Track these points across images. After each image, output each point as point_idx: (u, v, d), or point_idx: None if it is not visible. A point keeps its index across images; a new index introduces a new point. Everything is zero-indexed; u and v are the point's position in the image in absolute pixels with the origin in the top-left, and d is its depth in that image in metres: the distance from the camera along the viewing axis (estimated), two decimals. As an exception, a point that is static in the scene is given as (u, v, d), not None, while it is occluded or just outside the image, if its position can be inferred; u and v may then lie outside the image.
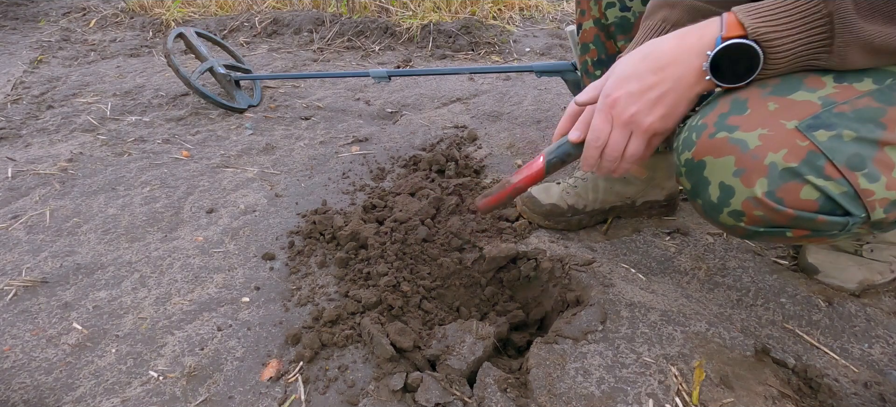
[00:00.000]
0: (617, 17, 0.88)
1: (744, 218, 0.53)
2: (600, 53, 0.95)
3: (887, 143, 0.48)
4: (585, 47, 0.97)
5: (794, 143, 0.48)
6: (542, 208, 1.02)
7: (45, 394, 0.78)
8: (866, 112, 0.48)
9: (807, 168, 0.48)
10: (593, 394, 0.70)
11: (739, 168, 0.50)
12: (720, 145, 0.52)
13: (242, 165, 1.44)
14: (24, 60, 2.51)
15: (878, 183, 0.48)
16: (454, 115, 1.71)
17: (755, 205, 0.51)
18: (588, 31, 0.94)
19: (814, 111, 0.49)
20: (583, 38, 0.96)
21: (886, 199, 0.48)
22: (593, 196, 1.01)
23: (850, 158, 0.48)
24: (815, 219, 0.50)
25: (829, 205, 0.49)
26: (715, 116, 0.53)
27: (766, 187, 0.49)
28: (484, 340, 0.80)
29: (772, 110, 0.50)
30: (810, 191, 0.49)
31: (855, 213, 0.49)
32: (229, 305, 0.93)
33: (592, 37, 0.94)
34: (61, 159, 1.51)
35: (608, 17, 0.89)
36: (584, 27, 0.95)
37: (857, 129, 0.48)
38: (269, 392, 0.75)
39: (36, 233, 1.17)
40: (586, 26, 0.94)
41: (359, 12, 2.74)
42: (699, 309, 0.83)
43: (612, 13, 0.88)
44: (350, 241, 1.04)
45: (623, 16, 0.88)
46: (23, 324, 0.91)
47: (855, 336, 0.77)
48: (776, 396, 0.68)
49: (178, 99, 1.95)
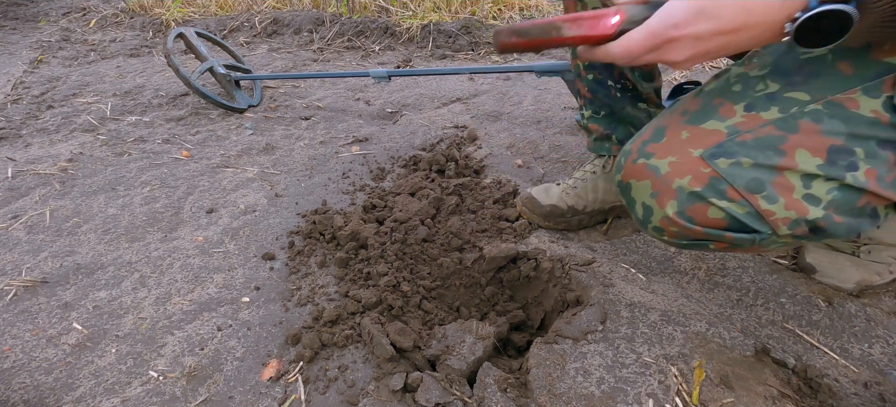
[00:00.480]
0: None
1: (664, 233, 0.59)
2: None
3: (786, 168, 0.53)
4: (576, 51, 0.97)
5: (697, 169, 0.54)
6: (541, 209, 1.02)
7: (45, 394, 0.78)
8: (767, 140, 0.53)
9: (710, 192, 0.54)
10: (593, 394, 0.70)
11: (654, 191, 0.57)
12: (640, 170, 0.59)
13: (242, 165, 1.44)
14: (24, 60, 2.51)
15: (777, 204, 0.53)
16: (454, 115, 1.71)
17: (669, 223, 0.57)
18: None
19: (718, 140, 0.55)
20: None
21: (787, 218, 0.53)
22: (593, 196, 1.01)
23: (749, 183, 0.53)
24: (725, 235, 0.56)
25: (736, 223, 0.54)
26: (639, 144, 0.60)
27: (676, 208, 0.56)
28: (484, 340, 0.80)
29: (683, 139, 0.56)
30: (716, 211, 0.54)
31: (761, 230, 0.54)
32: (229, 305, 0.93)
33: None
34: (61, 159, 1.51)
35: None
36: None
37: (756, 157, 0.53)
38: (269, 392, 0.75)
39: (36, 233, 1.17)
40: None
41: (359, 12, 2.74)
42: (699, 309, 0.83)
43: None
44: (350, 241, 1.04)
45: None
46: (23, 324, 0.91)
47: (855, 336, 0.77)
48: (776, 396, 0.68)
49: (178, 99, 1.95)
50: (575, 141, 1.44)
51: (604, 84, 0.97)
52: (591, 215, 1.03)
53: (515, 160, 1.36)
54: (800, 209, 0.53)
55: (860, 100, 0.52)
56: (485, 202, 1.16)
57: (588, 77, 0.98)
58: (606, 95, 0.97)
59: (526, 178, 1.27)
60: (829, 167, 0.52)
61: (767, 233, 0.54)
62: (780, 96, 0.55)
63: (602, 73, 0.95)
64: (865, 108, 0.52)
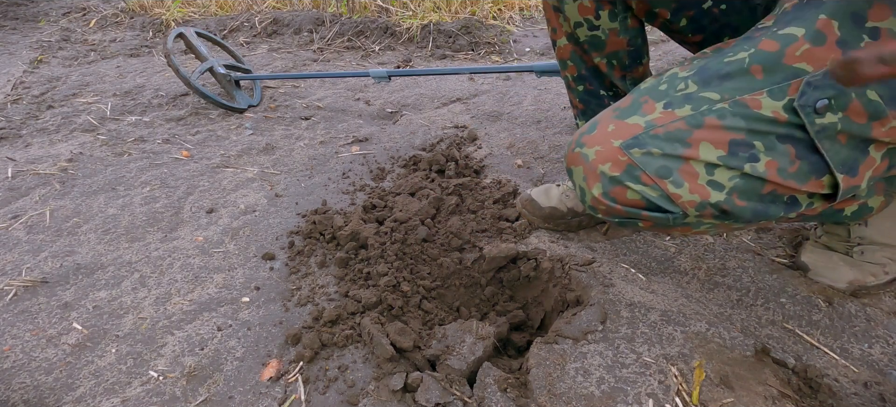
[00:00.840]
0: (588, 37, 0.88)
1: (597, 211, 0.67)
2: (580, 69, 0.94)
3: (691, 158, 0.60)
4: (563, 64, 0.96)
5: (616, 157, 0.62)
6: (542, 211, 1.03)
7: (45, 394, 0.78)
8: (676, 133, 0.61)
9: (627, 177, 0.62)
10: (593, 394, 0.70)
11: (585, 175, 0.65)
12: (575, 157, 0.67)
13: (242, 165, 1.44)
14: (24, 60, 2.51)
15: (682, 188, 0.60)
16: (454, 115, 1.71)
17: (597, 202, 0.65)
18: (563, 47, 0.94)
19: (636, 132, 0.62)
20: (559, 54, 0.95)
21: (693, 200, 0.60)
22: None
23: (658, 169, 0.60)
24: (641, 214, 0.63)
25: (651, 204, 0.62)
26: (578, 135, 0.68)
27: (601, 190, 0.64)
28: (484, 340, 0.80)
29: (609, 131, 0.64)
30: (633, 193, 0.62)
31: (673, 210, 0.62)
32: (229, 305, 0.93)
33: (569, 53, 0.93)
34: (61, 159, 1.51)
35: (579, 35, 0.89)
36: (559, 44, 0.94)
37: (664, 148, 0.60)
38: (269, 392, 0.75)
39: (36, 233, 1.17)
40: (561, 43, 0.93)
41: (359, 12, 2.74)
42: (699, 309, 0.83)
43: (583, 32, 0.88)
44: (350, 241, 1.04)
45: (593, 35, 0.88)
46: (23, 324, 0.91)
47: (855, 336, 0.77)
48: (776, 396, 0.68)
49: (178, 99, 1.95)
50: (575, 141, 1.44)
51: (596, 94, 0.96)
52: (590, 217, 1.03)
53: (515, 160, 1.36)
54: (703, 193, 0.60)
55: (764, 101, 0.59)
56: (485, 202, 1.16)
57: (578, 88, 0.97)
58: (599, 105, 0.97)
59: (526, 178, 1.27)
60: (730, 158, 0.59)
61: (678, 213, 0.62)
62: (695, 96, 0.62)
63: (592, 84, 0.95)
64: (767, 108, 0.58)
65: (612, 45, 0.88)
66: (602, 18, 0.85)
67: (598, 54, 0.90)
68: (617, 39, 0.87)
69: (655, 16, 0.84)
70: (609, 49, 0.89)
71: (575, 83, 0.98)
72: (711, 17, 0.80)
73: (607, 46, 0.88)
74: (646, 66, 0.94)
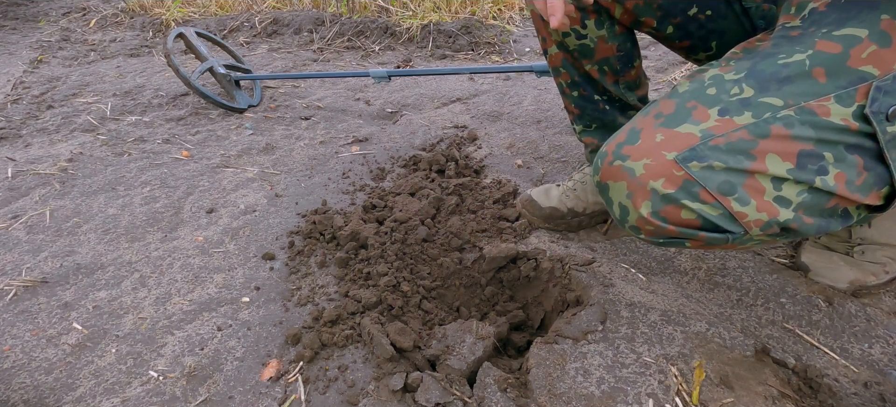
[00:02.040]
0: (576, 46, 0.87)
1: (641, 232, 0.61)
2: (573, 75, 0.93)
3: (757, 172, 0.54)
4: (556, 71, 0.95)
5: (671, 172, 0.56)
6: (542, 212, 1.02)
7: (45, 394, 0.78)
8: (739, 144, 0.55)
9: (683, 194, 0.56)
10: (593, 394, 0.70)
11: (630, 192, 0.59)
12: (616, 172, 0.60)
13: (242, 165, 1.44)
14: (24, 60, 2.51)
15: (749, 206, 0.55)
16: (454, 115, 1.71)
17: (645, 222, 0.59)
18: (554, 56, 0.93)
19: (692, 143, 0.56)
20: (551, 62, 0.95)
21: (760, 219, 0.55)
22: (593, 199, 1.01)
23: (721, 185, 0.55)
24: (698, 235, 0.57)
25: (709, 224, 0.56)
26: (614, 145, 0.61)
27: (651, 209, 0.57)
28: (484, 340, 0.80)
29: (657, 141, 0.57)
30: (689, 212, 0.56)
31: (734, 231, 0.56)
32: (229, 305, 0.93)
33: (560, 61, 0.92)
34: (61, 159, 1.51)
35: (569, 44, 0.88)
36: (550, 53, 0.93)
37: (727, 161, 0.55)
38: (269, 392, 0.75)
39: (36, 233, 1.17)
40: (551, 51, 0.92)
41: (359, 12, 2.74)
42: (699, 309, 0.83)
43: (571, 42, 0.87)
44: (350, 241, 1.04)
45: (581, 43, 0.86)
46: (23, 324, 0.91)
47: (855, 336, 0.77)
48: (776, 396, 0.68)
49: (178, 99, 1.95)
50: (575, 141, 1.44)
51: (590, 99, 0.96)
52: (590, 217, 1.03)
53: (515, 160, 1.36)
54: (771, 211, 0.55)
55: (832, 107, 0.54)
56: (485, 202, 1.16)
57: (573, 94, 0.97)
58: (595, 109, 0.97)
59: (526, 178, 1.27)
60: (799, 171, 0.54)
61: (740, 233, 0.56)
62: (754, 101, 0.56)
63: (587, 90, 0.95)
64: (836, 115, 0.54)
65: (602, 52, 0.87)
66: (588, 27, 0.84)
67: (588, 62, 0.89)
68: (606, 46, 0.87)
69: (641, 24, 0.83)
70: (599, 56, 0.88)
71: (569, 89, 0.97)
72: (697, 23, 0.79)
73: (597, 54, 0.88)
74: (638, 67, 0.94)
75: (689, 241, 0.59)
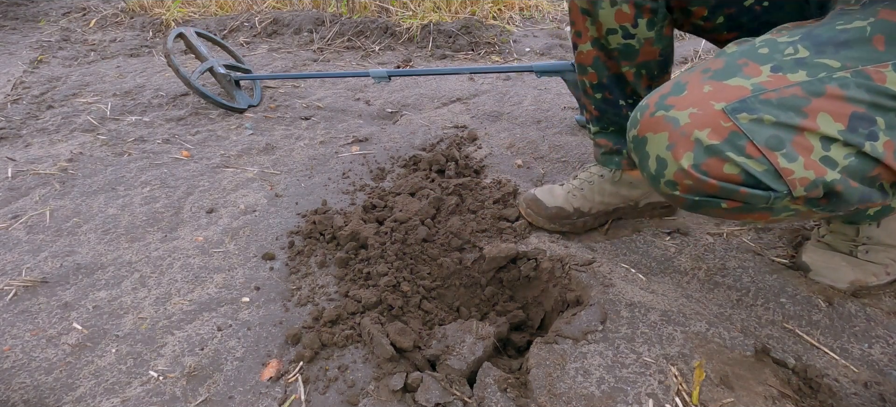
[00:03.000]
0: (620, 45, 0.82)
1: (678, 187, 0.58)
2: (602, 76, 0.87)
3: (807, 129, 0.53)
4: (583, 69, 0.89)
5: (718, 122, 0.54)
6: (547, 211, 1.00)
7: (45, 394, 0.77)
8: (790, 101, 0.53)
9: (728, 146, 0.54)
10: (593, 394, 0.70)
11: (671, 143, 0.56)
12: (657, 123, 0.57)
13: (242, 165, 1.44)
14: (24, 60, 2.51)
15: (796, 163, 0.53)
16: (454, 115, 1.70)
17: (684, 175, 0.56)
18: (586, 53, 0.86)
19: (742, 95, 0.54)
20: (579, 58, 0.88)
21: (806, 178, 0.53)
22: (600, 199, 0.99)
23: (769, 140, 0.53)
24: (739, 191, 0.55)
25: (751, 179, 0.54)
26: (657, 97, 0.59)
27: (692, 160, 0.55)
28: (484, 340, 0.80)
29: (705, 92, 0.55)
30: (732, 167, 0.54)
31: (777, 188, 0.54)
32: (229, 305, 0.93)
33: (592, 59, 0.86)
34: (61, 159, 1.50)
35: (611, 42, 0.82)
36: (581, 49, 0.86)
37: (778, 116, 0.53)
38: (269, 392, 0.75)
39: (36, 233, 1.17)
40: (584, 48, 0.86)
41: (359, 12, 2.74)
42: (699, 309, 0.83)
43: (615, 40, 0.81)
44: (350, 241, 1.04)
45: (627, 43, 0.81)
46: (23, 324, 0.91)
47: (855, 336, 0.77)
48: (776, 396, 0.68)
49: (178, 99, 1.95)
50: (575, 141, 1.44)
51: (614, 104, 0.91)
52: (595, 217, 1.01)
53: (515, 160, 1.36)
54: (818, 170, 0.53)
55: (889, 74, 0.53)
56: (485, 202, 1.16)
57: (596, 96, 0.91)
58: (616, 114, 0.93)
59: (526, 178, 1.27)
60: (850, 133, 0.53)
61: (783, 192, 0.54)
62: (809, 61, 0.54)
63: (613, 93, 0.89)
64: (892, 82, 0.52)
65: (645, 55, 0.83)
66: (639, 26, 0.79)
67: (628, 63, 0.84)
68: (650, 49, 0.82)
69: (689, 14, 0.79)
70: (641, 59, 0.83)
71: (593, 90, 0.91)
72: (751, 14, 0.75)
73: (640, 56, 0.83)
74: (669, 74, 0.90)
75: (726, 200, 0.57)
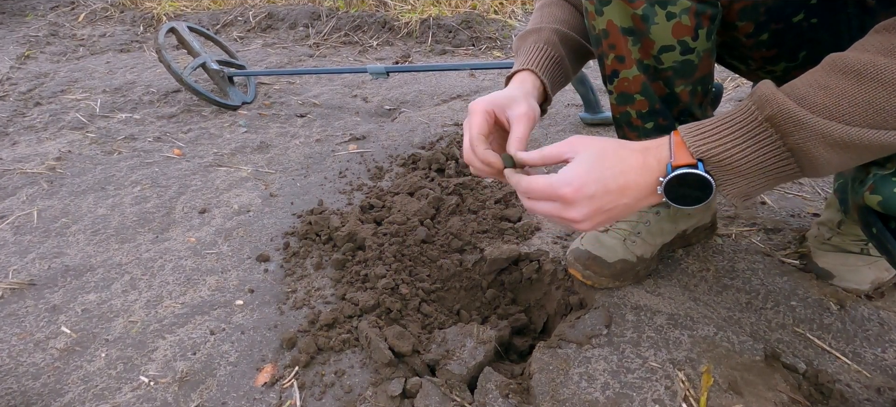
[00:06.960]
0: (677, 62, 0.72)
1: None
2: (653, 102, 0.77)
3: None
4: (628, 98, 0.78)
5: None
6: (611, 269, 0.88)
7: (32, 399, 0.76)
8: None
9: None
10: (598, 400, 0.68)
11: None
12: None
13: (236, 164, 1.42)
14: (10, 56, 2.49)
15: None
16: (454, 112, 1.69)
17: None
18: (632, 80, 0.76)
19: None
20: (622, 88, 0.77)
21: None
22: (660, 240, 0.90)
23: None
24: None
25: None
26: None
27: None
28: (485, 345, 0.79)
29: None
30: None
31: None
32: (223, 308, 0.91)
33: (639, 86, 0.76)
34: (49, 158, 1.48)
35: (664, 61, 0.73)
36: (624, 75, 0.76)
37: None
38: (264, 398, 0.74)
39: (23, 234, 1.15)
40: (628, 74, 0.75)
41: (356, 6, 2.72)
42: (707, 312, 0.82)
43: (671, 57, 0.72)
44: (347, 242, 1.02)
45: (685, 59, 0.71)
46: (9, 327, 0.90)
47: (867, 340, 0.76)
48: (786, 401, 0.67)
49: (170, 96, 1.93)
50: (576, 138, 1.43)
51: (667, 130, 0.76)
52: (655, 260, 0.92)
53: (516, 158, 1.35)
54: None
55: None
56: (486, 202, 1.15)
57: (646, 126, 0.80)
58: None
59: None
60: None
61: None
62: None
63: (666, 118, 0.79)
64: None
65: (703, 69, 0.74)
66: (700, 38, 0.70)
67: (684, 82, 0.74)
68: (708, 62, 0.74)
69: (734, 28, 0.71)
70: (699, 73, 0.74)
71: (642, 121, 0.78)
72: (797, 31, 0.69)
73: (698, 71, 0.73)
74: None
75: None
